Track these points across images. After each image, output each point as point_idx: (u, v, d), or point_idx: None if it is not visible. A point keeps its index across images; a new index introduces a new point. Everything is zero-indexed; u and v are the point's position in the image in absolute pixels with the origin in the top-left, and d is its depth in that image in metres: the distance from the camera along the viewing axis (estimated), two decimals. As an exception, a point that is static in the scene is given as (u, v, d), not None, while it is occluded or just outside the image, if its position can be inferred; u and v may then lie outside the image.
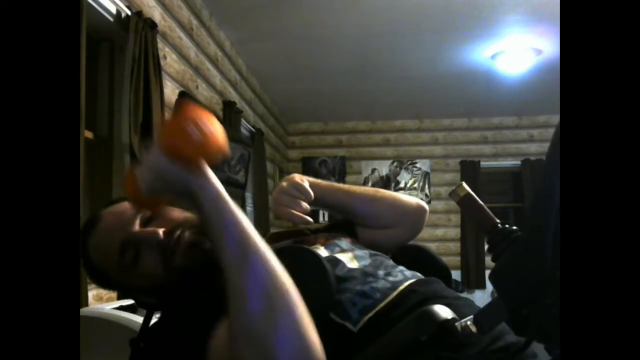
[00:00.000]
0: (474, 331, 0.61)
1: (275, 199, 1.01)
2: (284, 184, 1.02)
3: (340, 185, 1.11)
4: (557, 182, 0.54)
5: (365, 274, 0.86)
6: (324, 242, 0.96)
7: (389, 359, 0.65)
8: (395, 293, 0.81)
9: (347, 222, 1.10)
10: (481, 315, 0.62)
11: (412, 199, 1.11)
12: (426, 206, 1.12)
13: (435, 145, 6.38)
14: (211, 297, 0.77)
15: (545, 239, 0.55)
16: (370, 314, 0.77)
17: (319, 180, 1.07)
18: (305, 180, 1.03)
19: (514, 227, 0.75)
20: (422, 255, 1.05)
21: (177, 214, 0.91)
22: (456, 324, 0.63)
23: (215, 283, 0.73)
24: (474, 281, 5.90)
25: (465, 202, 0.81)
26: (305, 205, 0.99)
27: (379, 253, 0.97)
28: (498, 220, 0.77)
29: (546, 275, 0.56)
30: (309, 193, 1.01)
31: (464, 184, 0.82)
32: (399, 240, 1.10)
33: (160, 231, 0.86)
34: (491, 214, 0.78)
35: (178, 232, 0.87)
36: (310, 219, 0.99)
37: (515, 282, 0.60)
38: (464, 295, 0.90)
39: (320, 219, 6.11)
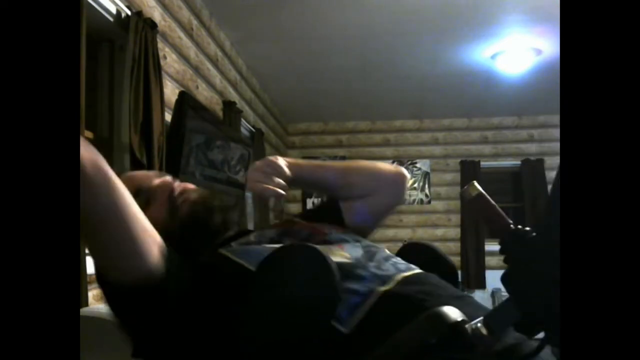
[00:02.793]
0: (485, 333, 0.61)
1: (249, 175, 1.04)
2: (258, 162, 1.05)
3: (318, 162, 1.17)
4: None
5: (354, 267, 0.84)
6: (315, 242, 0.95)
7: None
8: (384, 288, 0.79)
9: (331, 206, 1.11)
10: (491, 317, 0.61)
11: (390, 166, 1.15)
12: (406, 173, 1.14)
13: (435, 145, 6.37)
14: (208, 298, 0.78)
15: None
16: (361, 315, 0.75)
17: (298, 160, 1.10)
18: (280, 159, 1.05)
19: (528, 228, 0.72)
20: (430, 254, 1.03)
21: (190, 186, 1.07)
22: (466, 326, 0.62)
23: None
24: (473, 281, 5.90)
25: (476, 202, 0.77)
26: (278, 180, 1.00)
27: (372, 244, 0.95)
28: (511, 221, 0.74)
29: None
30: (282, 169, 1.02)
31: (476, 183, 0.77)
32: (381, 208, 1.12)
33: (174, 183, 1.04)
34: (504, 214, 0.75)
35: (187, 194, 1.03)
36: (283, 193, 0.99)
37: (531, 285, 0.59)
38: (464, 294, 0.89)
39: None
